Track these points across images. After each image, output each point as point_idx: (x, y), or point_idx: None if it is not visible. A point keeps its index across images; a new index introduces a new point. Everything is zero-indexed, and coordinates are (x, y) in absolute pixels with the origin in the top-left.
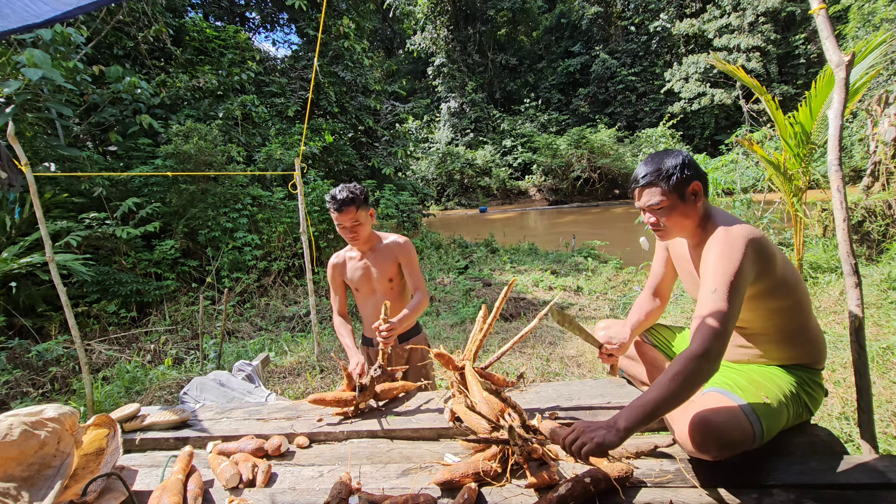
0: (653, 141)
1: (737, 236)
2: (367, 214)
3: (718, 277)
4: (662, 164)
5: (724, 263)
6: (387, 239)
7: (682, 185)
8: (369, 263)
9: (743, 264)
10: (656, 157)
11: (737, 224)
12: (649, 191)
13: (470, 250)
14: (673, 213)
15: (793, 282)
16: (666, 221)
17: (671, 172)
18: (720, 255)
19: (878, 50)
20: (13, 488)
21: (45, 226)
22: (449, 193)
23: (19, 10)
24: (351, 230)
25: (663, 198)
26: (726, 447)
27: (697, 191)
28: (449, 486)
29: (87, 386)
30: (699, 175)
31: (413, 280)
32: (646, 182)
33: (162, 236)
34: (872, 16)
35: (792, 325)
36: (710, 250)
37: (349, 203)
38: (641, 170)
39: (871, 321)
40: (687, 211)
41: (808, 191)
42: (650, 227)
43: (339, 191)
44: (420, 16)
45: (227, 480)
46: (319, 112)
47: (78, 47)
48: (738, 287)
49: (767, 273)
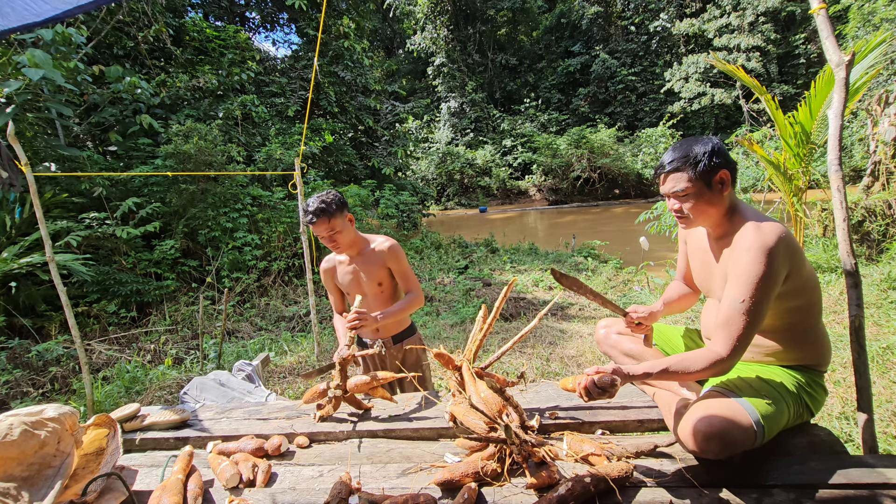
0: (653, 141)
1: (769, 238)
2: (343, 221)
3: (749, 288)
4: (691, 150)
5: (756, 272)
6: (373, 242)
7: (709, 172)
8: (358, 268)
9: (776, 271)
10: (685, 142)
11: (767, 221)
12: (675, 176)
13: (470, 250)
14: (698, 201)
15: (813, 281)
16: (690, 209)
17: (699, 159)
18: (753, 261)
19: (878, 50)
20: (13, 488)
21: (45, 226)
22: (449, 193)
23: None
24: (330, 239)
25: (689, 184)
26: (727, 446)
27: (725, 179)
28: (449, 486)
29: (87, 386)
30: (728, 164)
31: (405, 283)
32: (672, 168)
33: (162, 236)
34: (872, 16)
35: (804, 325)
36: (743, 254)
37: (320, 214)
38: (669, 155)
39: (871, 321)
40: (713, 199)
41: (808, 191)
42: (674, 213)
43: (311, 202)
44: (420, 16)
45: (227, 480)
46: (319, 112)
47: (78, 47)
48: (767, 298)
49: (795, 273)
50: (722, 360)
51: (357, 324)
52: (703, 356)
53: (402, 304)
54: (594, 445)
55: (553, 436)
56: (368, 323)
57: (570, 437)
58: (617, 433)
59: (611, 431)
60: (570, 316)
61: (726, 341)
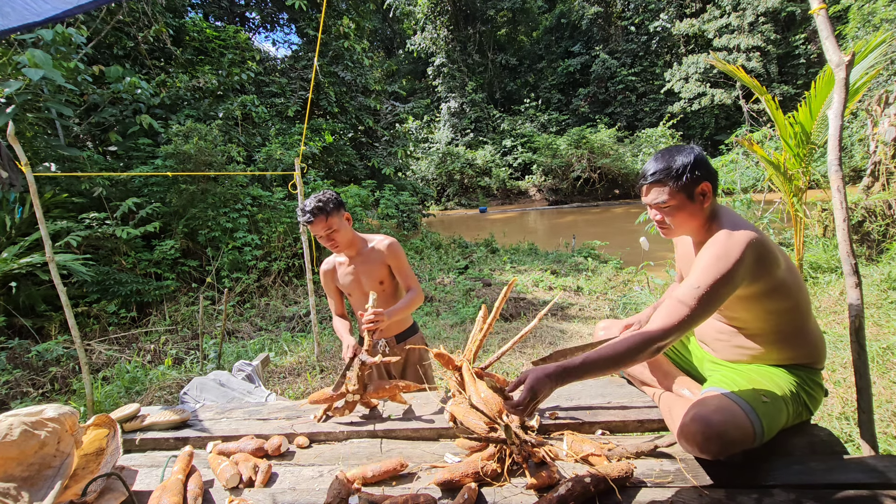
0: (653, 141)
1: (736, 241)
2: (340, 220)
3: (705, 277)
4: (673, 162)
5: (716, 266)
6: (372, 241)
7: (691, 185)
8: (358, 268)
9: (734, 270)
10: (667, 153)
11: (741, 228)
12: (657, 189)
13: (470, 250)
14: (679, 213)
15: (792, 285)
16: (672, 220)
17: (681, 172)
18: (715, 255)
19: (878, 50)
20: (13, 488)
21: (45, 226)
22: (449, 193)
23: (20, 8)
24: (328, 238)
25: (670, 197)
26: (727, 446)
27: (706, 191)
28: (449, 487)
29: (87, 386)
30: (709, 175)
31: (405, 280)
32: (654, 179)
33: (162, 236)
34: (872, 16)
35: (790, 326)
36: (708, 248)
37: (317, 213)
38: (651, 166)
39: (871, 321)
40: (694, 211)
41: (808, 191)
42: (655, 223)
43: (307, 202)
44: (420, 16)
45: (227, 480)
46: (319, 112)
47: (78, 47)
48: (719, 293)
49: (765, 276)
50: (653, 339)
51: (374, 325)
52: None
53: (406, 301)
54: (594, 445)
55: (553, 436)
56: (384, 322)
57: (570, 437)
58: (617, 433)
59: (611, 431)
60: (570, 316)
61: (663, 322)
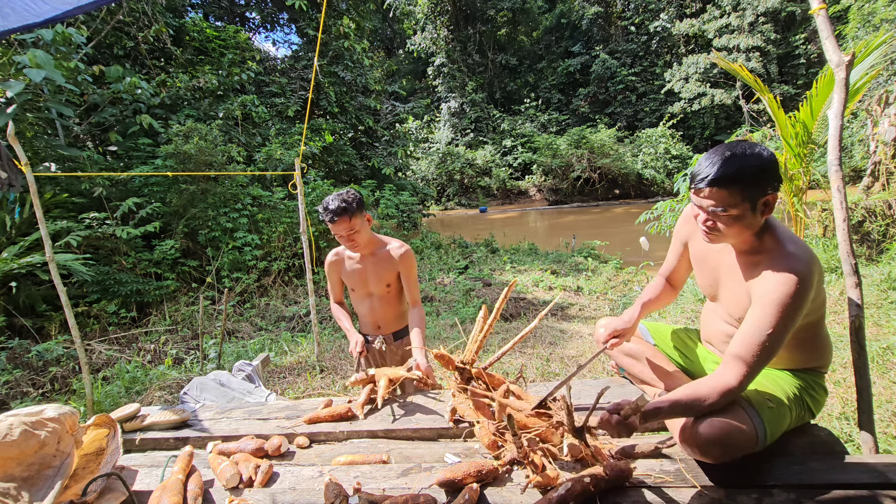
0: (653, 141)
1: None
2: (362, 221)
3: (778, 321)
4: (745, 167)
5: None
6: (388, 245)
7: (759, 194)
8: (368, 267)
9: (805, 306)
10: (738, 153)
11: (800, 247)
12: (721, 194)
13: (470, 250)
14: (738, 223)
15: (824, 295)
16: (726, 229)
17: (752, 179)
18: (787, 295)
19: (879, 50)
20: (13, 488)
21: (45, 226)
22: (449, 193)
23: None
24: (348, 238)
25: (734, 207)
26: (730, 450)
27: (770, 203)
28: (450, 486)
29: (87, 386)
30: (778, 184)
31: (410, 290)
32: (719, 184)
33: (162, 236)
34: (872, 16)
35: (808, 333)
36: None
37: (342, 213)
38: (716, 167)
39: (871, 321)
40: (752, 223)
41: (808, 191)
42: (703, 227)
43: (331, 200)
44: (420, 16)
45: (228, 480)
46: (319, 112)
47: (78, 47)
48: (789, 332)
49: (817, 295)
50: (731, 391)
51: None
52: (711, 387)
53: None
54: (594, 445)
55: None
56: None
57: (570, 436)
58: None
59: None
60: (570, 316)
61: (739, 370)
